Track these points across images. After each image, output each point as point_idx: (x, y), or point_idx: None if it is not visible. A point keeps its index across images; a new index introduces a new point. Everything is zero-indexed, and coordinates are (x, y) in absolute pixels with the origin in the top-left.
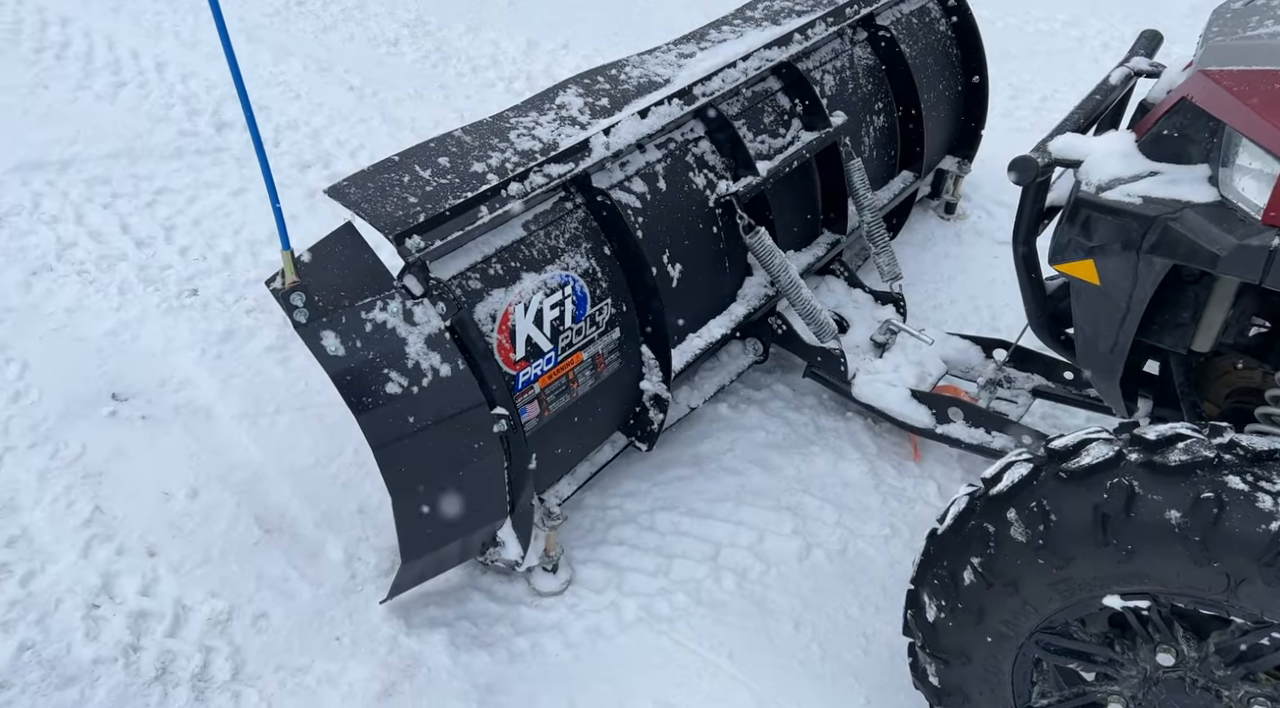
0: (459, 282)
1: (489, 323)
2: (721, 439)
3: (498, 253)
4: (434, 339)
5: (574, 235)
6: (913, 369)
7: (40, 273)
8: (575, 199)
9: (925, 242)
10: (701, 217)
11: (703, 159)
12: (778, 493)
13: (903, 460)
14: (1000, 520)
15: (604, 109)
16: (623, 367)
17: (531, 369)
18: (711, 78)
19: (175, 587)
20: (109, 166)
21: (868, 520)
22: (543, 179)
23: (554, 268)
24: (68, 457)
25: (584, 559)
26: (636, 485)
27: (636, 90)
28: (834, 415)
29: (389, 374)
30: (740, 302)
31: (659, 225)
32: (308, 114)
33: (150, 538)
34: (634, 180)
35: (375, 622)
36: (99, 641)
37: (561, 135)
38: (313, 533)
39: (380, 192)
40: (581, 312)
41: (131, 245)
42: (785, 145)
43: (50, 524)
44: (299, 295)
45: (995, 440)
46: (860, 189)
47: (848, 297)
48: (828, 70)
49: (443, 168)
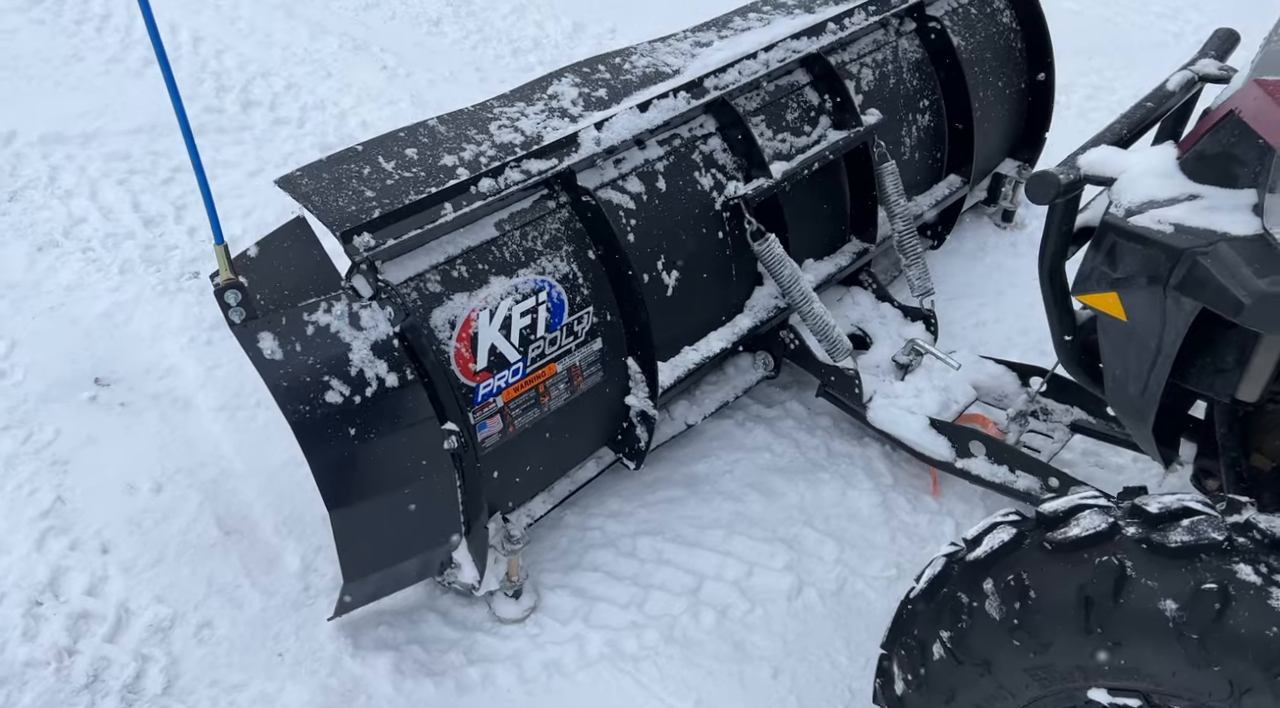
0: (415, 284)
1: (446, 330)
2: (722, 459)
3: (464, 254)
4: (381, 345)
5: (554, 237)
6: (936, 395)
7: (46, 249)
8: (559, 197)
9: (977, 251)
10: (706, 220)
11: (711, 158)
12: (775, 523)
13: (919, 494)
14: (975, 591)
15: (599, 101)
16: (605, 380)
17: (494, 381)
18: (727, 69)
19: (122, 588)
20: (130, 142)
21: (871, 559)
22: (520, 175)
23: (528, 272)
24: (39, 442)
25: (553, 585)
26: (622, 505)
27: (640, 81)
28: (849, 440)
29: (329, 382)
30: (747, 313)
31: (655, 229)
32: (337, 94)
33: (107, 533)
34: (629, 179)
35: (321, 639)
36: (35, 642)
37: (548, 128)
38: (272, 538)
39: (335, 184)
40: (557, 320)
41: (140, 224)
42: (810, 144)
43: (9, 513)
44: (234, 293)
45: (1019, 480)
46: (892, 195)
47: (874, 311)
48: (866, 64)
49: (408, 160)
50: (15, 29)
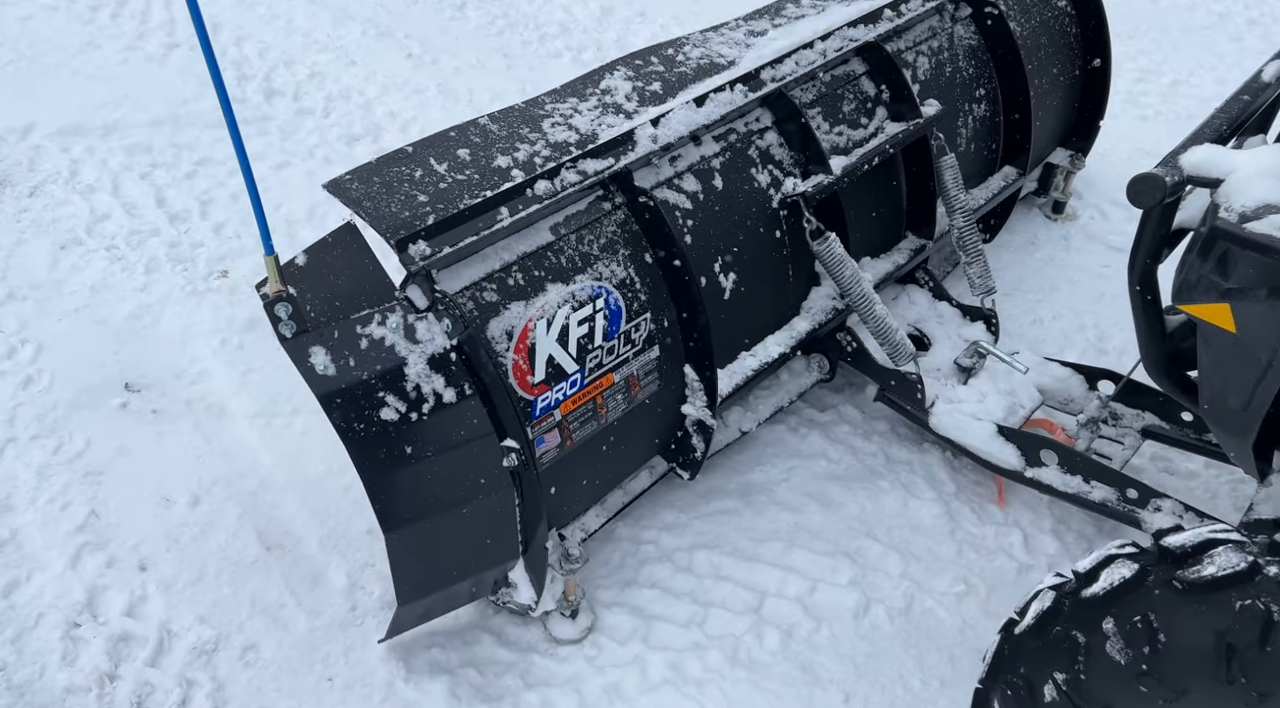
0: (471, 293)
1: (504, 341)
2: (776, 467)
3: (519, 260)
4: (438, 360)
5: (611, 240)
6: (1001, 400)
7: (69, 247)
8: (614, 199)
9: (1027, 245)
10: (763, 219)
11: (768, 153)
12: (836, 535)
13: (984, 503)
14: (1094, 630)
15: (654, 95)
16: (662, 388)
17: (552, 394)
18: (783, 60)
19: (163, 608)
20: (152, 134)
21: (939, 574)
22: (576, 176)
23: (585, 278)
24: (70, 452)
25: (609, 602)
26: (676, 517)
27: (695, 74)
28: (908, 446)
29: (385, 398)
30: (804, 315)
31: (712, 229)
32: (361, 82)
33: (144, 549)
34: (685, 177)
35: (372, 662)
36: (75, 666)
37: (602, 126)
38: (316, 554)
39: (386, 188)
40: (615, 328)
41: (165, 220)
42: (867, 137)
43: (42, 528)
44: (284, 306)
45: (1094, 491)
46: (952, 189)
47: (931, 310)
48: (922, 52)
49: (461, 161)
50: (28, 15)
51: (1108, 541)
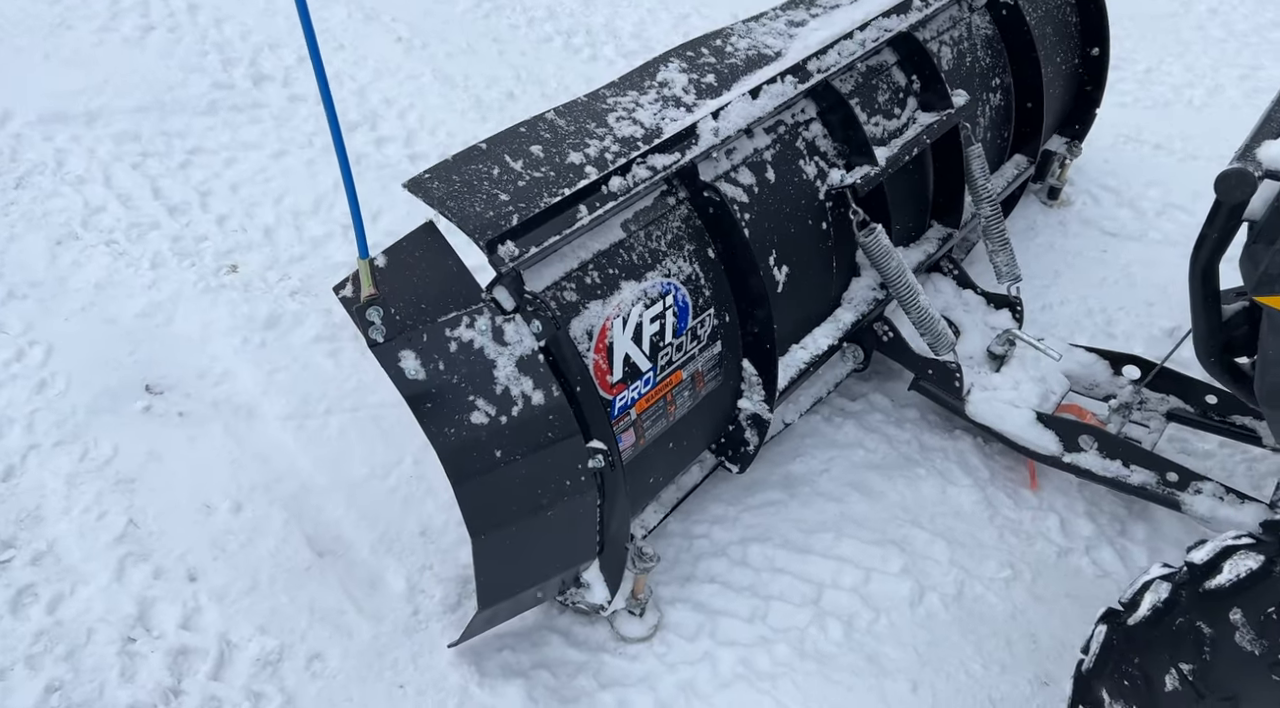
0: (553, 293)
1: (585, 341)
2: (816, 458)
3: (595, 259)
4: (526, 362)
5: (676, 236)
6: (1035, 387)
7: (65, 242)
8: (678, 193)
9: (1027, 231)
10: (811, 211)
11: (814, 145)
12: (882, 523)
13: (1018, 488)
14: (1220, 621)
15: (710, 88)
16: (722, 384)
17: (629, 393)
18: (827, 50)
19: (219, 619)
20: (139, 121)
21: (984, 559)
22: (646, 172)
23: (655, 275)
24: (98, 458)
25: (672, 599)
26: (724, 511)
27: (745, 65)
28: (940, 433)
29: (474, 401)
30: (847, 307)
31: (766, 222)
32: (352, 67)
33: (190, 559)
34: (740, 171)
35: (443, 667)
36: (135, 682)
37: (665, 119)
38: (369, 558)
39: (467, 187)
40: (683, 324)
41: (164, 212)
42: (901, 127)
43: (80, 539)
44: (376, 310)
45: (1133, 475)
46: (979, 177)
47: (957, 299)
48: (945, 42)
49: (536, 158)
50: None
51: (1140, 522)
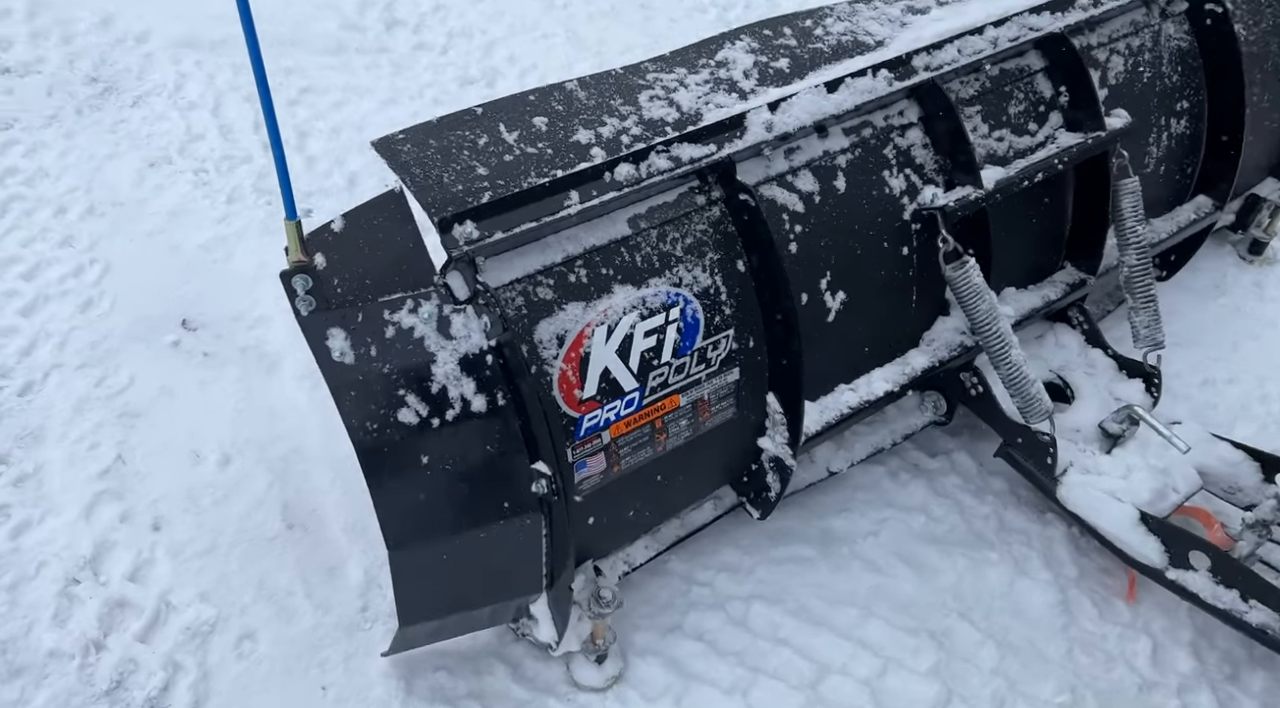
0: (523, 287)
1: (553, 347)
2: (866, 516)
3: (586, 255)
4: (471, 361)
5: (699, 241)
6: (1150, 479)
7: (158, 165)
8: (711, 192)
9: (1211, 289)
10: (890, 231)
11: (908, 154)
12: (924, 609)
13: (1110, 597)
14: None
15: (779, 74)
16: (738, 417)
17: (602, 413)
18: (943, 46)
19: (167, 575)
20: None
21: (1041, 676)
22: (667, 163)
23: (661, 282)
24: (112, 387)
25: (644, 649)
26: (739, 559)
27: (832, 52)
28: (1028, 513)
29: (405, 397)
30: (924, 349)
31: (824, 238)
32: (487, 21)
33: (161, 507)
34: (800, 174)
35: (372, 676)
36: (64, 628)
37: (710, 104)
38: (338, 540)
39: (443, 154)
40: (689, 344)
41: (259, 147)
42: (1033, 147)
43: (66, 467)
44: (303, 279)
45: (1252, 612)
46: (1129, 218)
47: (1081, 357)
48: (1117, 51)
49: (535, 132)
50: None
51: (1260, 670)
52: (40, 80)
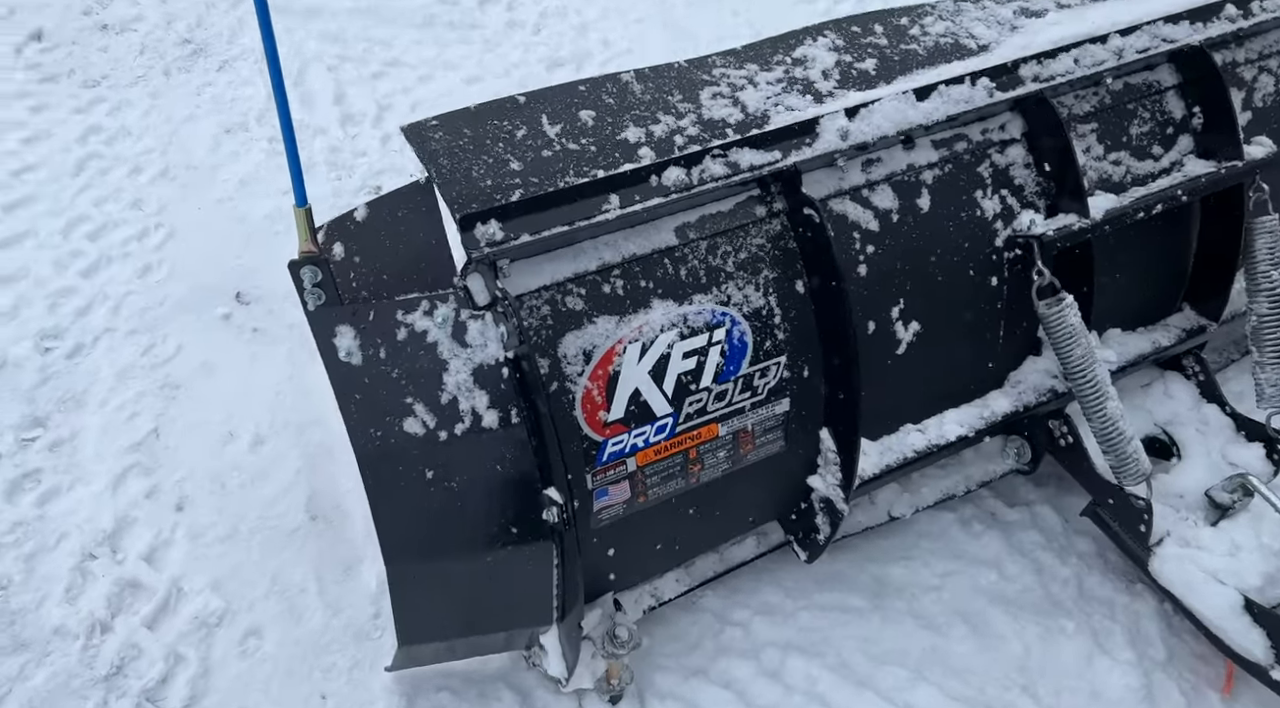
0: (550, 296)
1: (578, 362)
2: (928, 567)
3: (624, 264)
4: (486, 373)
5: (754, 257)
6: (1261, 562)
7: (235, 131)
8: (773, 204)
9: None
10: (978, 259)
11: (1006, 174)
12: (983, 678)
13: (1202, 687)
14: None
15: (863, 76)
16: (786, 452)
17: (629, 438)
18: (1058, 54)
19: (182, 559)
20: (347, 23)
21: None
22: (723, 169)
23: (706, 299)
24: (158, 357)
25: (666, 692)
26: (780, 600)
27: (928, 55)
28: (1114, 581)
29: (412, 405)
30: (1007, 390)
31: (900, 261)
32: (582, 1)
33: (188, 486)
34: (878, 189)
35: (374, 690)
36: (74, 605)
37: (779, 107)
38: (358, 539)
39: (476, 145)
40: (733, 369)
41: (336, 120)
42: (1154, 173)
43: (101, 436)
44: (311, 270)
45: None
46: (1263, 261)
47: (1193, 412)
48: (1269, 69)
49: (580, 126)
50: None
51: None
52: (135, 39)
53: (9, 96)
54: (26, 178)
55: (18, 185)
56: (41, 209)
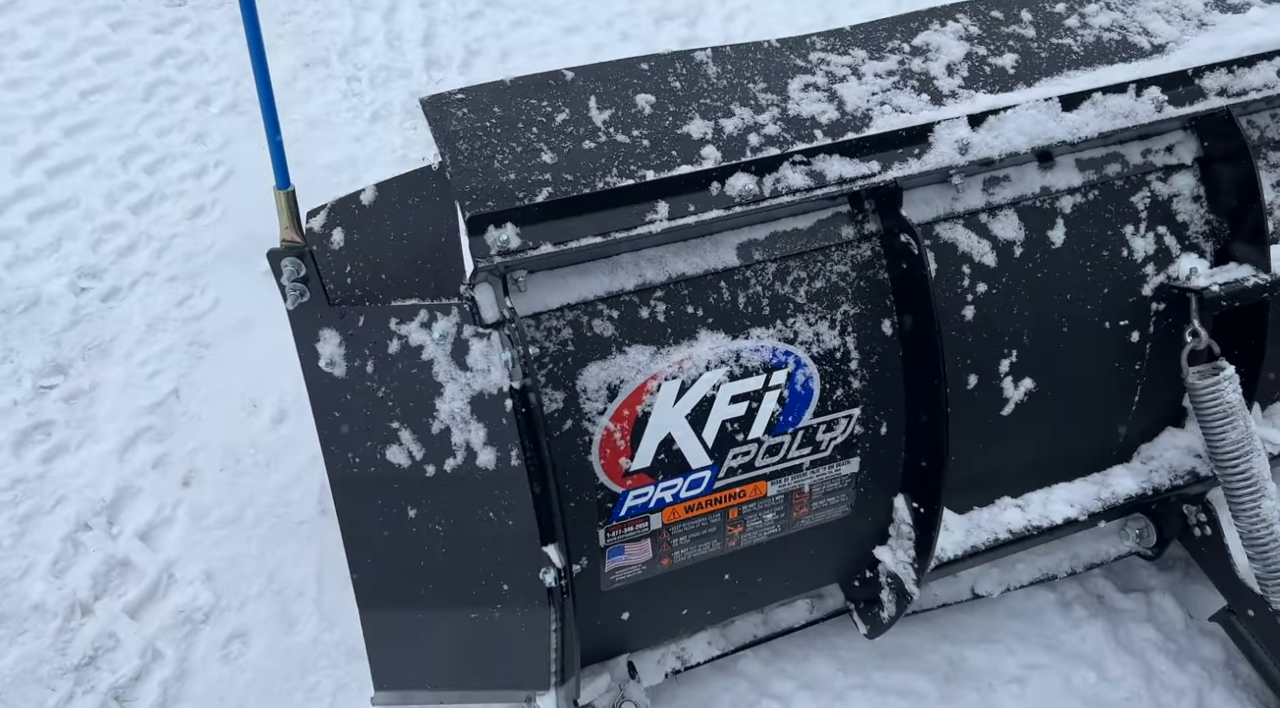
0: (574, 317)
1: (600, 398)
2: (1013, 655)
3: (669, 285)
4: (485, 403)
5: (833, 286)
6: None
7: (314, 66)
8: (865, 225)
9: None
10: (1117, 308)
11: (1167, 208)
12: None
13: None
14: None
15: (997, 75)
16: (853, 517)
17: (654, 491)
18: (1256, 62)
19: (180, 541)
20: None
21: None
22: (805, 180)
23: (767, 334)
24: (193, 309)
25: None
26: (832, 674)
27: (1085, 54)
28: (1243, 701)
29: (398, 431)
30: (1135, 466)
31: (1017, 305)
32: None
33: (198, 459)
34: (1001, 216)
35: None
36: (59, 579)
37: (885, 106)
38: None
39: (505, 127)
40: (793, 419)
41: (421, 63)
42: None
43: (120, 392)
44: (294, 263)
45: None
46: None
47: None
48: None
49: (635, 114)
50: None
51: None
52: None
53: (93, 10)
54: (95, 100)
55: (85, 107)
56: (103, 134)
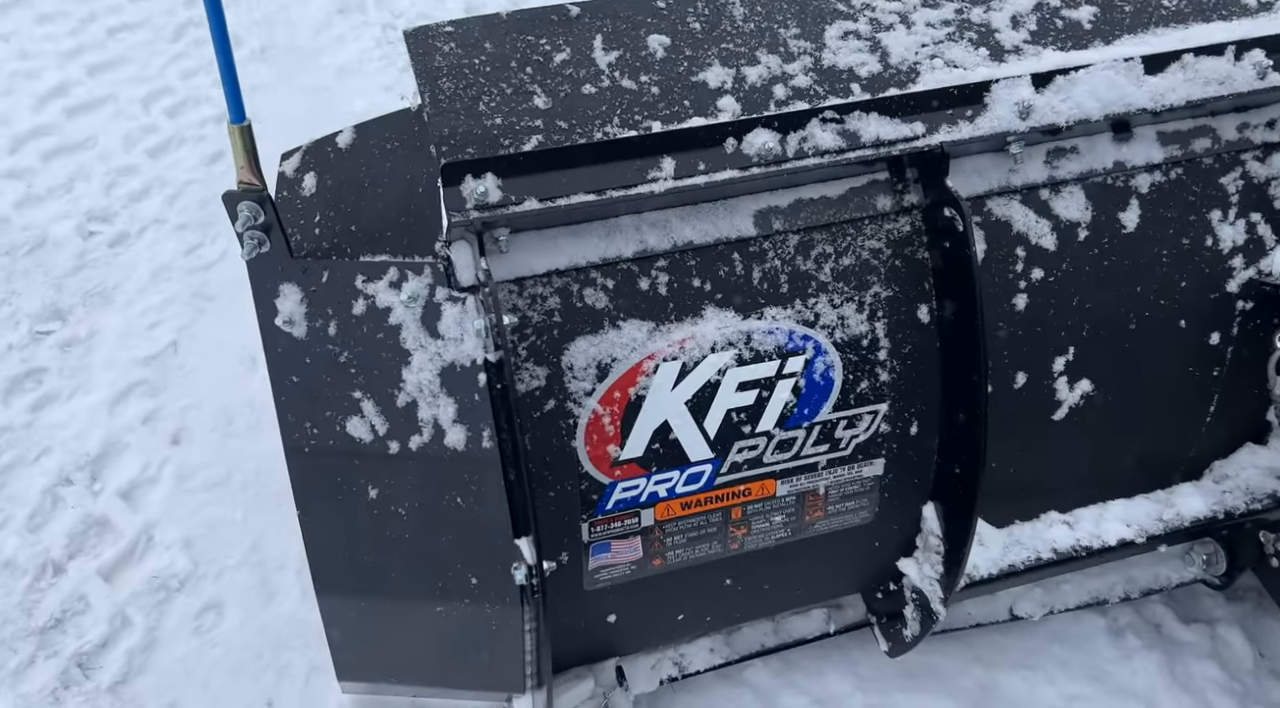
0: (563, 285)
1: (588, 377)
2: (1054, 684)
3: (674, 253)
4: (456, 376)
5: (863, 264)
6: None
7: (349, 12)
8: (905, 195)
9: None
10: (1195, 305)
11: (1263, 192)
12: None
13: None
14: None
15: (1071, 30)
16: (875, 524)
17: (646, 484)
18: None
19: (161, 502)
20: None
21: None
22: (835, 139)
23: (784, 315)
24: (200, 260)
25: None
26: (849, 693)
27: (1177, 9)
28: None
29: (360, 401)
30: (1205, 485)
31: (1077, 295)
32: None
33: (190, 417)
34: (1065, 192)
35: (329, 705)
36: (34, 535)
37: (935, 59)
38: None
39: (495, 68)
40: (810, 411)
41: (461, 9)
42: None
43: (118, 341)
44: (251, 207)
45: None
46: None
47: None
48: None
49: (645, 57)
50: None
51: None
52: None
53: None
54: (123, 38)
55: (112, 45)
56: (128, 74)
